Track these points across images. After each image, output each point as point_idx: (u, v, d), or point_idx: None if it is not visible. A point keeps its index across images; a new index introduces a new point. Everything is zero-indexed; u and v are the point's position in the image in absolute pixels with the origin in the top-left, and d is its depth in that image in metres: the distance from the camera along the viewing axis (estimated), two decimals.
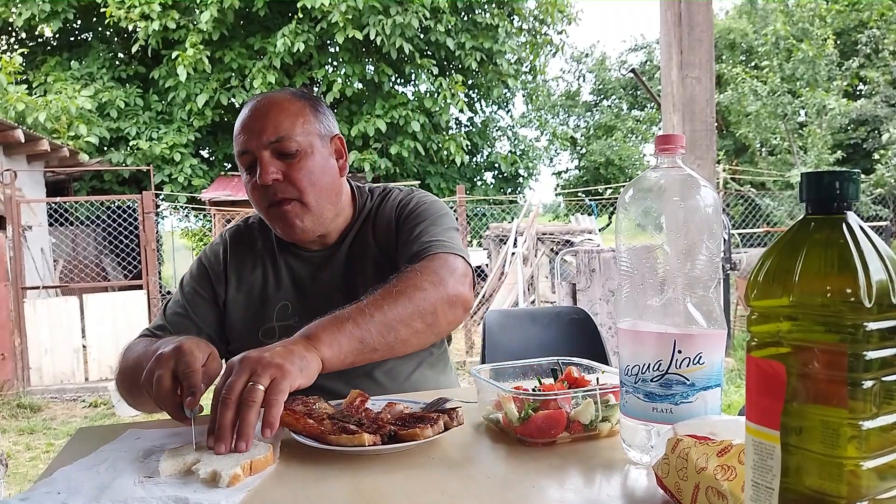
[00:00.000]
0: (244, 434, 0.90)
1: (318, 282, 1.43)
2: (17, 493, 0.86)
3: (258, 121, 1.31)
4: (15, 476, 4.06)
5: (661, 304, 0.85)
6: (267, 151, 1.30)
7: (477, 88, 14.44)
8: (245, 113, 1.35)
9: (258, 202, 1.35)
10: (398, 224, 1.43)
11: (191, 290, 1.46)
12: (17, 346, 6.37)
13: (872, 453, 0.52)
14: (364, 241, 1.45)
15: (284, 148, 1.31)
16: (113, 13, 11.73)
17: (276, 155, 1.31)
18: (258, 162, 1.30)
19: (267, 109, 1.33)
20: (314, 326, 1.10)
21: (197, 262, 1.51)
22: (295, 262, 1.46)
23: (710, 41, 3.12)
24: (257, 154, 1.30)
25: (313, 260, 1.45)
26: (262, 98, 1.36)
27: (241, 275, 1.45)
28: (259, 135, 1.30)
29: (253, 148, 1.30)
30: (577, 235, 8.84)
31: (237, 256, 1.47)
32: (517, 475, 0.87)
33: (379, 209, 1.48)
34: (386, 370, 1.40)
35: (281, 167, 1.31)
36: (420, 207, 1.44)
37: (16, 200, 6.74)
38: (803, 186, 0.58)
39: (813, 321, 0.54)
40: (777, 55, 14.27)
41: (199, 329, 1.41)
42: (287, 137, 1.30)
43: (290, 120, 1.32)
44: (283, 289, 1.43)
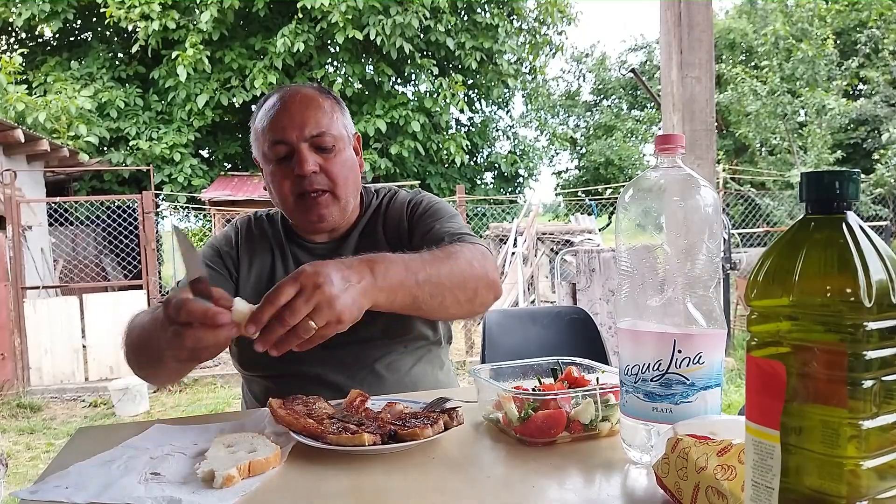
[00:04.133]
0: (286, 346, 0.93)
1: None
2: (30, 485, 0.87)
3: (298, 114, 1.35)
4: (15, 476, 4.06)
5: (661, 304, 0.85)
6: (306, 144, 1.35)
7: (477, 88, 14.43)
8: (278, 105, 1.37)
9: (288, 191, 1.37)
10: (411, 221, 1.47)
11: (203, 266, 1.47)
12: (17, 346, 6.37)
13: (872, 453, 0.52)
14: (372, 236, 1.49)
15: (323, 142, 1.36)
16: (113, 13, 11.72)
17: (314, 148, 1.36)
18: (296, 153, 1.34)
19: (306, 103, 1.37)
20: (384, 267, 1.07)
21: (208, 245, 1.53)
22: (302, 253, 1.49)
23: (710, 41, 3.12)
24: (297, 146, 1.34)
25: (320, 251, 1.47)
26: (296, 91, 1.40)
27: (252, 262, 1.49)
28: (301, 127, 1.34)
29: (293, 140, 1.34)
30: (576, 235, 8.84)
31: (248, 243, 1.51)
32: (517, 475, 0.87)
33: (388, 207, 1.53)
34: (387, 364, 1.42)
35: (318, 160, 1.35)
36: (435, 205, 1.50)
37: (16, 200, 6.74)
38: (803, 186, 0.58)
39: (813, 321, 0.54)
40: (777, 55, 14.26)
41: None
42: (326, 132, 1.36)
43: (328, 115, 1.38)
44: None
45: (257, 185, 12.27)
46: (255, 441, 0.95)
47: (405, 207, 1.51)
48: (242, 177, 12.75)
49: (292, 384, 1.36)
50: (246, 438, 0.97)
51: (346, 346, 1.37)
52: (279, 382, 1.41)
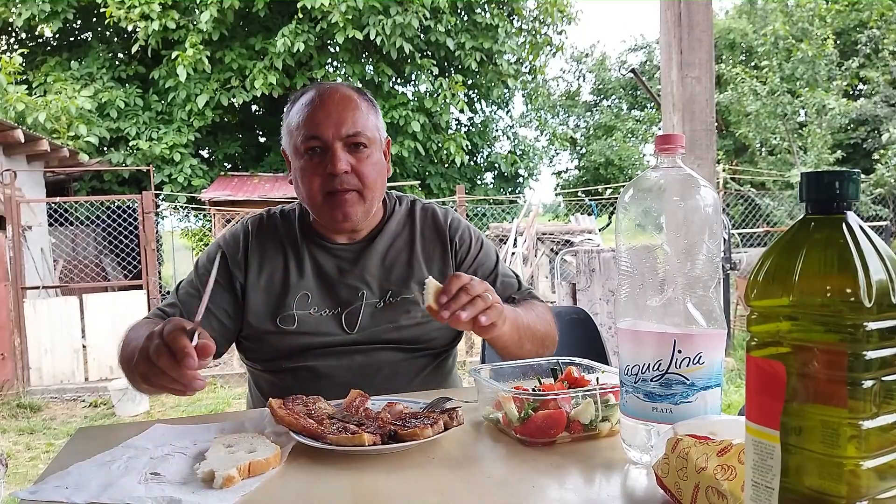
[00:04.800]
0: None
1: (345, 275, 1.46)
2: (30, 485, 0.87)
3: (335, 112, 1.36)
4: (15, 476, 4.06)
5: (661, 304, 0.85)
6: (341, 142, 1.36)
7: (477, 88, 14.42)
8: (316, 101, 1.38)
9: (318, 187, 1.37)
10: (457, 249, 1.53)
11: (205, 272, 1.46)
12: (17, 346, 6.37)
13: (872, 453, 0.52)
14: (400, 244, 1.50)
15: (357, 142, 1.38)
16: (113, 13, 11.71)
17: (347, 147, 1.37)
18: (330, 151, 1.36)
19: (345, 102, 1.38)
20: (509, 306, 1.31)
21: (215, 247, 1.52)
22: (320, 254, 1.48)
23: (710, 41, 3.12)
24: (331, 143, 1.35)
25: (341, 253, 1.48)
26: (335, 89, 1.41)
27: (262, 261, 1.47)
28: (338, 126, 1.35)
29: (328, 137, 1.35)
30: (576, 235, 8.84)
31: (258, 243, 1.49)
32: (517, 475, 0.87)
33: (423, 220, 1.54)
34: (399, 368, 1.44)
35: (350, 159, 1.36)
36: (485, 243, 1.58)
37: (16, 200, 6.74)
38: (803, 186, 0.58)
39: (813, 321, 0.54)
40: (777, 55, 14.26)
41: (209, 311, 1.41)
42: (361, 133, 1.38)
43: (365, 116, 1.40)
44: (305, 278, 1.45)
45: (257, 185, 12.28)
46: (255, 441, 0.95)
47: (447, 230, 1.54)
48: (242, 177, 12.75)
49: (304, 380, 1.39)
50: (246, 439, 0.97)
51: (363, 346, 1.42)
52: (287, 378, 1.42)
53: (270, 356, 1.44)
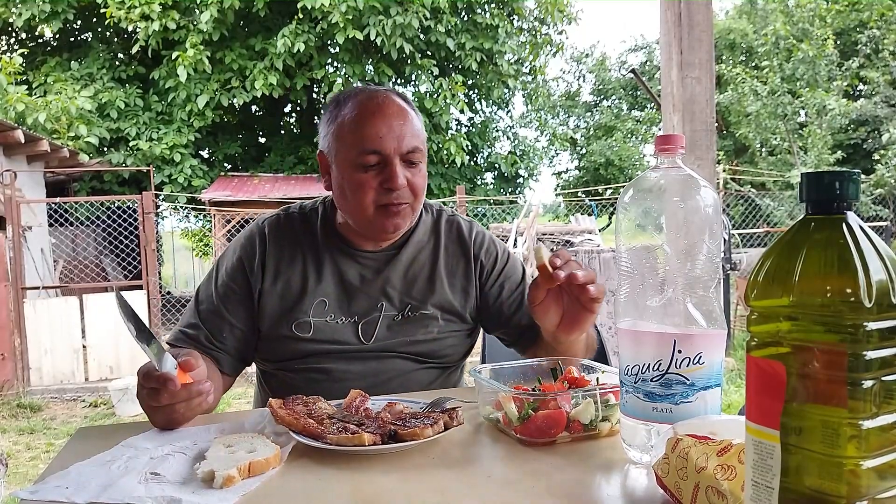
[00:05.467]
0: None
1: (367, 283, 1.44)
2: (30, 485, 0.87)
3: (397, 126, 1.34)
4: (15, 476, 4.06)
5: (661, 304, 0.85)
6: (399, 158, 1.34)
7: (477, 89, 14.43)
8: (373, 111, 1.35)
9: (371, 200, 1.34)
10: (482, 261, 1.52)
11: (224, 286, 1.44)
12: (17, 347, 6.37)
13: (872, 453, 0.52)
14: (423, 257, 1.49)
15: (414, 158, 1.36)
16: (113, 13, 11.72)
17: (405, 162, 1.35)
18: (389, 165, 1.33)
19: (402, 114, 1.36)
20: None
21: (231, 253, 1.48)
22: (343, 260, 1.45)
23: (710, 41, 3.12)
24: (391, 158, 1.33)
25: (365, 260, 1.45)
26: (387, 98, 1.38)
27: (279, 266, 1.44)
28: (399, 141, 1.33)
29: (389, 152, 1.33)
30: (577, 236, 8.84)
31: (276, 247, 1.46)
32: (517, 475, 0.87)
33: (446, 231, 1.53)
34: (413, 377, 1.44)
35: (406, 174, 1.35)
36: (510, 256, 1.58)
37: (16, 201, 6.74)
38: (803, 186, 0.58)
39: (813, 321, 0.54)
40: (777, 55, 14.26)
41: (232, 326, 1.41)
42: (419, 149, 1.37)
43: (420, 131, 1.39)
44: (324, 284, 1.43)
45: (257, 185, 12.28)
46: (255, 441, 0.95)
47: (471, 245, 1.52)
48: (242, 177, 12.75)
49: (316, 381, 1.39)
50: (246, 438, 0.97)
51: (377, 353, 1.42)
52: (299, 377, 1.42)
53: (283, 358, 1.44)
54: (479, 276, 1.51)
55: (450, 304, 1.47)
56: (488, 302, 1.51)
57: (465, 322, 1.50)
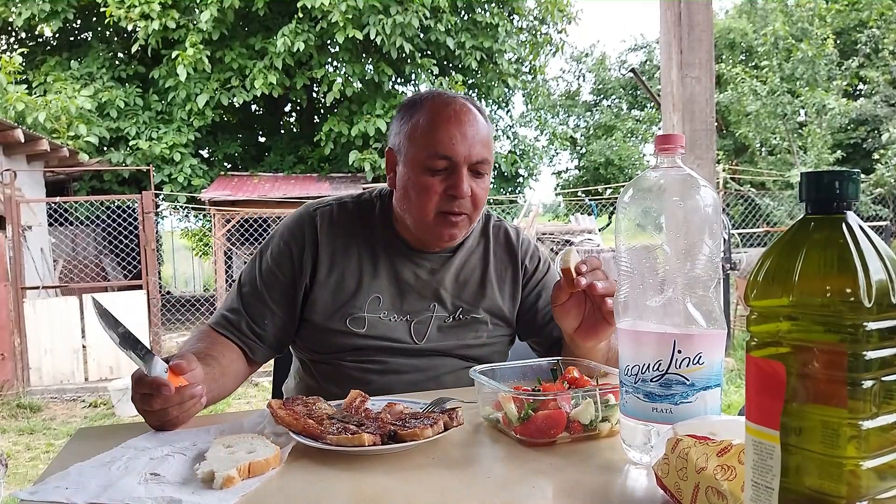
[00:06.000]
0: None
1: (421, 283, 1.44)
2: (30, 486, 0.87)
3: (471, 134, 1.33)
4: (15, 476, 4.06)
5: (661, 304, 0.85)
6: (466, 166, 1.34)
7: (477, 88, 14.42)
8: (450, 116, 1.34)
9: (434, 205, 1.34)
10: (532, 273, 1.55)
11: (268, 272, 1.43)
12: (17, 347, 6.37)
13: (872, 453, 0.52)
14: (474, 261, 1.50)
15: (482, 168, 1.36)
16: (113, 13, 11.71)
17: (472, 171, 1.35)
18: (456, 172, 1.33)
19: (476, 123, 1.35)
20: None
21: (278, 238, 1.46)
22: (398, 259, 1.44)
23: (710, 41, 3.12)
24: (460, 166, 1.33)
25: (420, 261, 1.45)
26: (464, 105, 1.37)
27: (334, 259, 1.42)
28: (470, 148, 1.33)
29: (459, 159, 1.32)
30: (576, 235, 8.85)
31: (329, 238, 1.44)
32: (517, 475, 0.87)
33: (496, 238, 1.55)
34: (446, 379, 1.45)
35: (471, 183, 1.35)
36: (547, 262, 1.60)
37: (15, 200, 6.74)
38: (803, 186, 0.58)
39: (812, 321, 0.54)
40: (777, 55, 14.26)
41: (274, 313, 1.41)
42: (487, 161, 1.36)
43: (489, 142, 1.38)
44: (379, 280, 1.43)
45: (257, 185, 12.28)
46: (255, 442, 0.95)
47: (519, 251, 1.54)
48: (242, 177, 12.75)
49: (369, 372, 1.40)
50: (245, 439, 0.97)
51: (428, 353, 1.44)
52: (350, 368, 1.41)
53: (335, 350, 1.43)
54: (523, 281, 1.54)
55: (499, 308, 1.49)
56: (525, 307, 1.53)
57: (511, 327, 1.53)
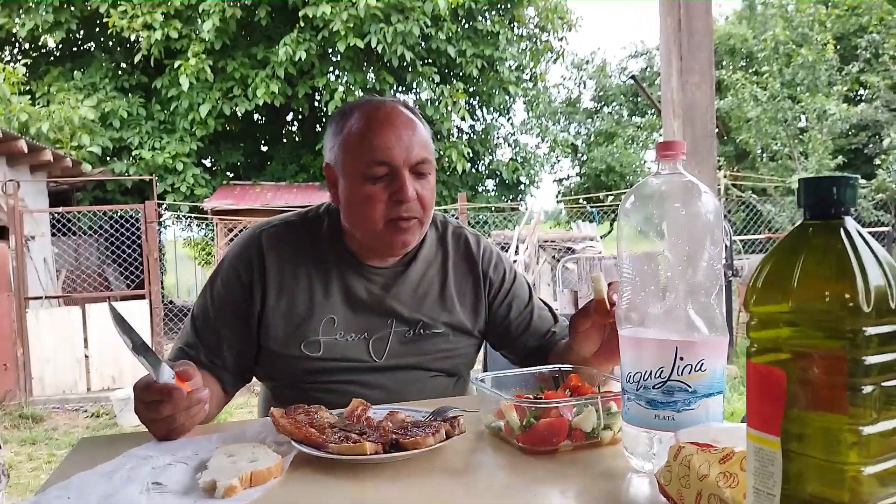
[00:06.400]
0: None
1: (375, 300, 1.39)
2: (31, 496, 0.87)
3: (406, 136, 1.30)
4: (17, 486, 4.05)
5: (663, 311, 0.85)
6: (409, 169, 1.30)
7: (478, 96, 14.45)
8: (383, 121, 1.31)
9: (381, 214, 1.30)
10: (490, 277, 1.50)
11: (220, 302, 1.39)
12: (20, 356, 6.37)
13: (874, 459, 0.52)
14: (432, 273, 1.45)
15: (423, 169, 1.32)
16: (115, 23, 11.77)
17: (414, 174, 1.31)
18: (398, 177, 1.29)
19: (411, 126, 1.32)
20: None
21: (227, 266, 1.42)
22: (351, 275, 1.39)
23: (710, 47, 3.13)
24: (400, 170, 1.29)
25: (373, 276, 1.40)
26: (395, 108, 1.34)
27: (282, 282, 1.38)
28: (407, 151, 1.29)
29: (398, 163, 1.28)
30: (578, 242, 8.85)
31: (276, 260, 1.38)
32: (519, 484, 0.87)
33: (454, 244, 1.49)
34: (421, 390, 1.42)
35: (416, 186, 1.31)
36: (518, 274, 1.55)
37: (19, 210, 6.75)
38: (801, 192, 0.58)
39: (812, 327, 0.54)
40: (777, 60, 14.27)
41: (231, 343, 1.37)
42: (427, 160, 1.33)
43: (428, 142, 1.35)
44: (332, 300, 1.38)
45: (260, 193, 12.31)
46: (257, 451, 0.95)
47: (480, 261, 1.49)
48: (245, 186, 12.78)
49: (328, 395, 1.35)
50: (247, 448, 0.97)
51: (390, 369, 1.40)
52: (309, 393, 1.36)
53: (292, 376, 1.39)
54: (487, 294, 1.49)
55: (461, 322, 1.45)
56: (496, 321, 1.50)
57: (475, 337, 1.49)
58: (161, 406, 1.04)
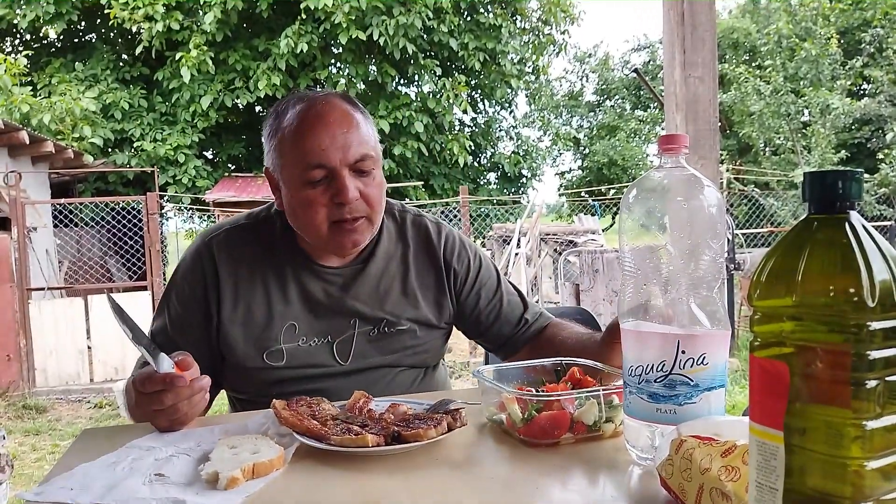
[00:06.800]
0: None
1: (335, 301, 1.35)
2: (35, 486, 0.87)
3: (340, 134, 1.23)
4: (20, 477, 4.07)
5: (665, 305, 0.85)
6: (347, 169, 1.23)
7: (480, 89, 14.42)
8: (312, 120, 1.24)
9: (324, 217, 1.25)
10: (455, 271, 1.44)
11: (177, 317, 1.35)
12: (23, 348, 6.38)
13: (876, 453, 0.52)
14: (393, 268, 1.40)
15: (365, 167, 1.25)
16: (117, 14, 11.75)
17: (355, 172, 1.25)
18: (337, 179, 1.23)
19: (345, 120, 1.25)
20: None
21: (180, 279, 1.36)
22: (308, 278, 1.34)
23: (713, 41, 3.12)
24: (338, 171, 1.23)
25: (330, 277, 1.35)
26: (327, 103, 1.26)
27: (238, 290, 1.32)
28: (345, 150, 1.23)
29: (335, 164, 1.22)
30: (580, 236, 8.84)
31: (230, 268, 1.33)
32: (520, 476, 0.87)
33: (412, 234, 1.44)
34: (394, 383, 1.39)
35: (358, 185, 1.25)
36: (484, 260, 1.50)
37: (21, 202, 6.75)
38: (806, 186, 0.58)
39: (816, 321, 0.53)
40: (780, 54, 14.23)
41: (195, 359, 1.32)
42: (368, 156, 1.25)
43: (366, 136, 1.27)
44: (291, 306, 1.33)
45: (261, 186, 12.29)
46: (259, 443, 0.96)
47: (441, 252, 1.43)
48: (246, 178, 12.77)
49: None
50: (249, 440, 0.97)
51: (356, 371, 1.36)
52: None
53: (256, 387, 1.34)
54: (453, 286, 1.44)
55: (426, 318, 1.40)
56: (465, 312, 1.46)
57: (441, 328, 1.45)
58: (163, 396, 1.04)
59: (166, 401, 1.04)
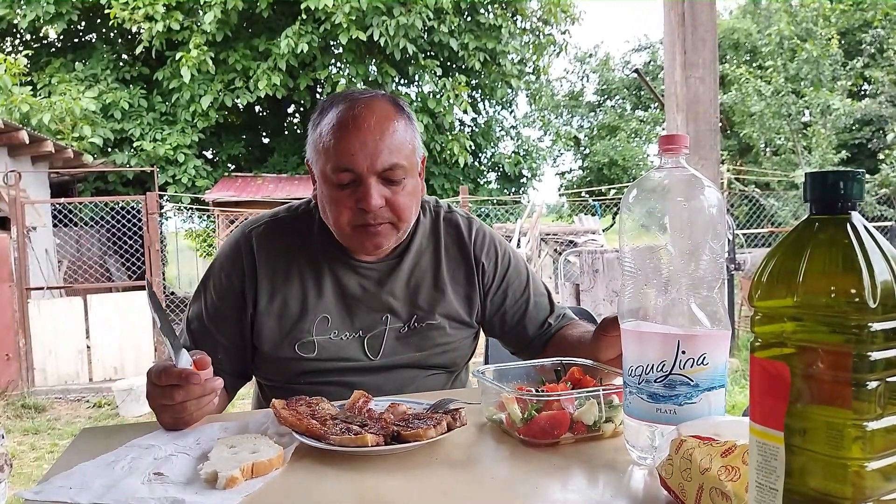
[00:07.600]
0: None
1: (370, 295, 1.36)
2: (34, 485, 0.87)
3: (373, 140, 1.22)
4: (19, 476, 4.07)
5: (665, 305, 0.85)
6: (375, 176, 1.22)
7: (480, 89, 14.43)
8: (349, 123, 1.23)
9: (347, 220, 1.25)
10: (484, 268, 1.44)
11: (213, 307, 1.37)
12: (22, 347, 6.38)
13: (877, 454, 0.52)
14: (425, 263, 1.41)
15: (394, 176, 1.24)
16: (117, 14, 11.75)
17: (383, 181, 1.24)
18: (362, 185, 1.22)
19: (382, 126, 1.23)
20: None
21: (218, 269, 1.39)
22: (343, 271, 1.35)
23: (714, 41, 3.12)
24: (364, 178, 1.22)
25: (365, 272, 1.36)
26: (368, 107, 1.25)
27: (274, 282, 1.34)
28: (372, 159, 1.21)
29: (362, 171, 1.21)
30: (580, 236, 8.84)
31: (268, 262, 1.35)
32: (520, 476, 0.87)
33: (444, 230, 1.44)
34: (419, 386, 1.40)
35: (385, 192, 1.24)
36: (514, 258, 1.49)
37: (20, 201, 6.75)
38: (807, 186, 0.57)
39: (817, 322, 0.53)
40: (781, 55, 14.24)
41: (226, 348, 1.36)
42: (398, 165, 1.24)
43: (401, 144, 1.25)
44: (325, 299, 1.34)
45: (261, 186, 12.30)
46: (259, 442, 0.95)
47: (472, 248, 1.43)
48: (246, 178, 12.78)
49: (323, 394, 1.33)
50: (249, 439, 0.97)
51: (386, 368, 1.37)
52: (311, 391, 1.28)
53: (287, 376, 1.37)
54: (481, 282, 1.44)
55: (456, 312, 1.40)
56: (492, 310, 1.46)
57: (472, 327, 1.46)
58: (175, 391, 1.03)
59: (177, 397, 1.03)
